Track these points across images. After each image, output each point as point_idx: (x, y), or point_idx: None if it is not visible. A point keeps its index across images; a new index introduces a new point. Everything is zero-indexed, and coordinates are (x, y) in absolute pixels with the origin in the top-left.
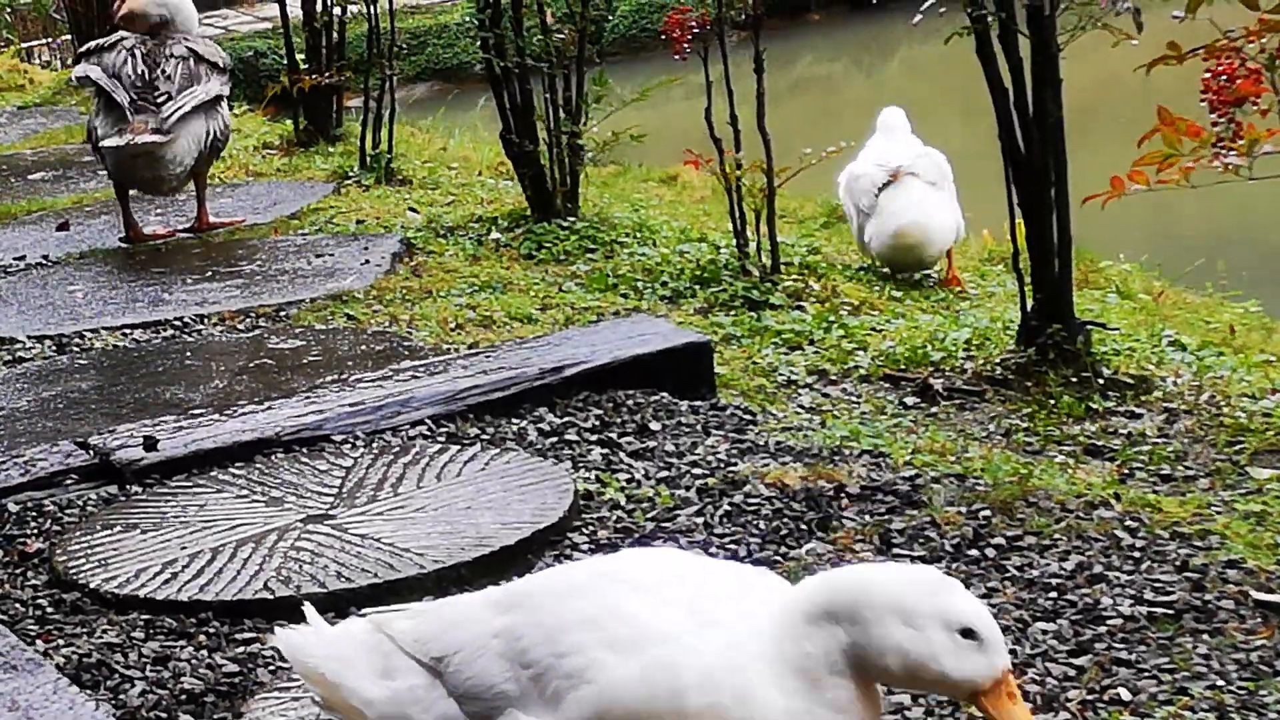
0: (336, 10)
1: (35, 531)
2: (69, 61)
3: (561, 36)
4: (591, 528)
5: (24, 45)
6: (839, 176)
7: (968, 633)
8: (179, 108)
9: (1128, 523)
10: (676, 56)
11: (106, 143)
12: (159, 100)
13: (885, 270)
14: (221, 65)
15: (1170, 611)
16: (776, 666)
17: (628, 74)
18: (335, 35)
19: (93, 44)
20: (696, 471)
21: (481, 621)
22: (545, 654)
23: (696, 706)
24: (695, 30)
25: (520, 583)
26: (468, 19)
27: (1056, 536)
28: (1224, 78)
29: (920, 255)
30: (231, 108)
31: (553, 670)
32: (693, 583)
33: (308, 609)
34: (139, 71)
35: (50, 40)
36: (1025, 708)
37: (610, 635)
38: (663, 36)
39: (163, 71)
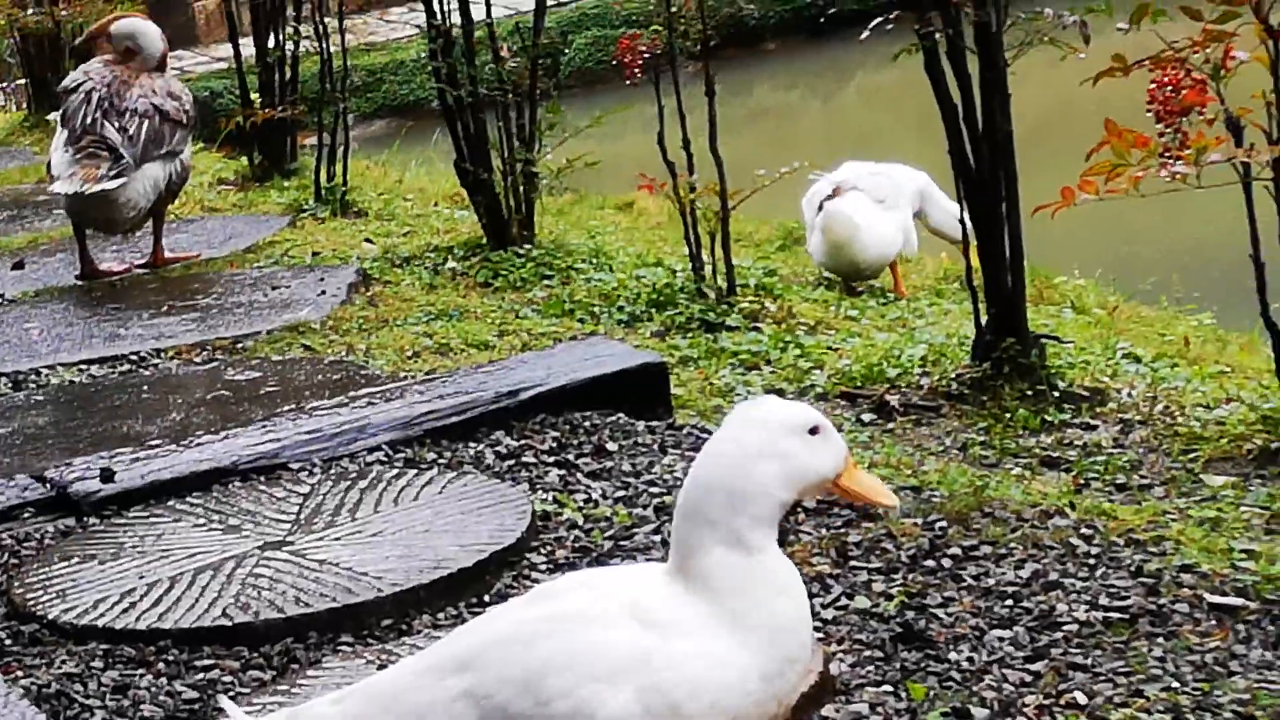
0: (289, 45)
1: None
2: (23, 104)
3: (514, 66)
4: (549, 548)
5: None
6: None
7: (814, 430)
8: (131, 166)
9: (1083, 531)
10: (628, 81)
11: (56, 188)
12: (118, 155)
13: (836, 280)
14: (185, 121)
15: (1125, 616)
16: (724, 618)
17: (584, 105)
18: (289, 70)
19: (63, 85)
20: (654, 490)
21: (432, 688)
22: (530, 705)
23: (693, 712)
24: (646, 55)
25: (459, 640)
26: (422, 55)
27: (1012, 545)
28: (1170, 88)
29: (852, 258)
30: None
31: (544, 718)
32: (619, 595)
33: (225, 703)
34: (94, 118)
35: (4, 84)
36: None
37: (591, 669)
38: (615, 63)
39: (124, 128)
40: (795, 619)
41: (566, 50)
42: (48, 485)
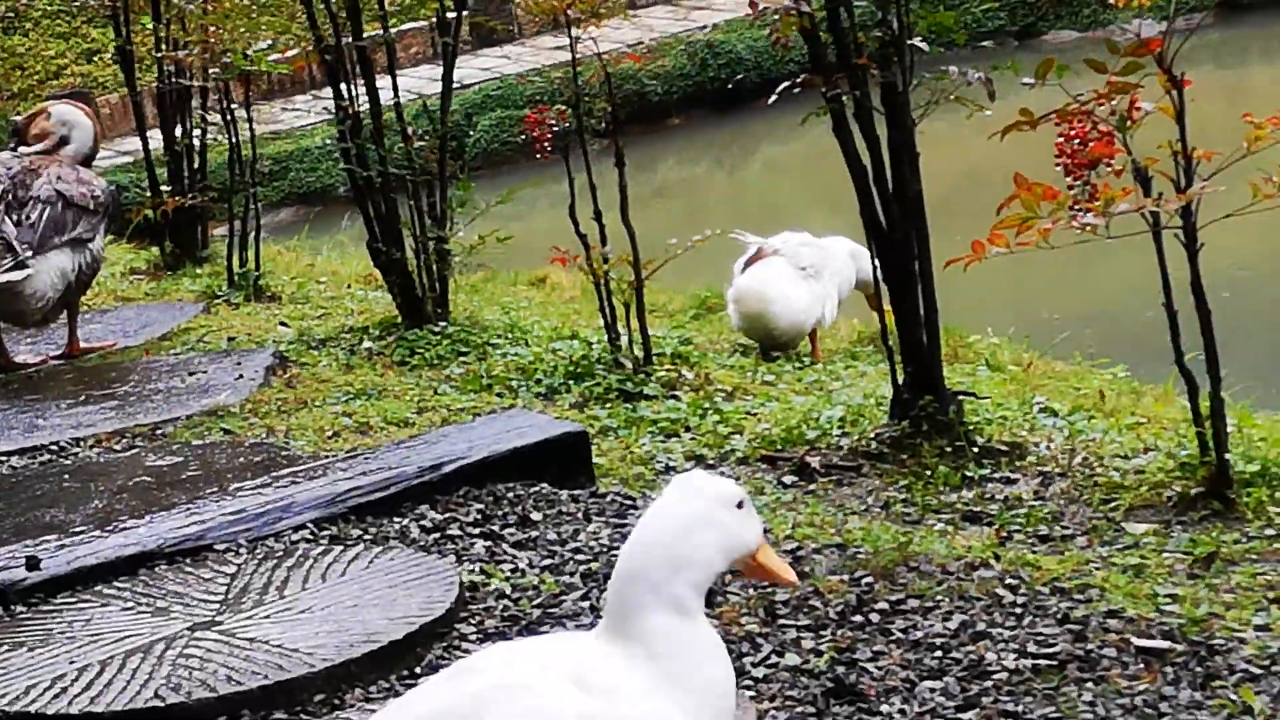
0: (197, 134)
1: None
2: None
3: (423, 146)
4: (479, 618)
5: None
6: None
7: (740, 504)
8: (32, 256)
9: (1008, 581)
10: (538, 155)
11: None
12: (19, 243)
13: (753, 346)
14: (92, 208)
15: (1054, 662)
16: (663, 681)
17: (491, 186)
18: (197, 159)
19: None
20: (580, 558)
21: None
22: None
23: None
24: (554, 129)
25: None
26: (328, 141)
27: (939, 598)
28: (1077, 141)
29: (766, 326)
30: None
31: None
32: (558, 662)
33: None
34: (2, 210)
35: None
36: None
37: None
38: (523, 137)
39: (25, 216)
40: (726, 681)
41: (472, 132)
42: None
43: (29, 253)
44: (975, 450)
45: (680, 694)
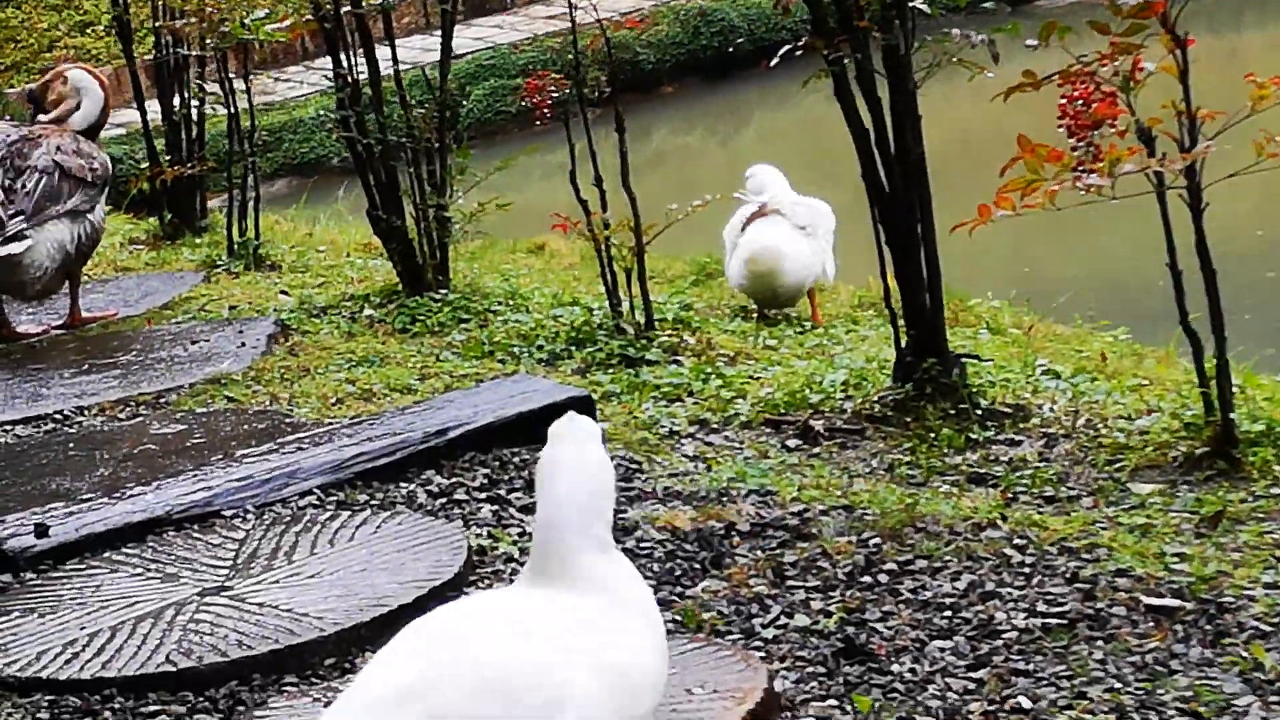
0: (194, 104)
1: None
2: None
3: (422, 111)
4: (488, 581)
5: None
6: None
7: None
8: (27, 226)
9: (1016, 541)
10: (537, 121)
11: None
12: (10, 215)
13: (753, 307)
14: (89, 179)
15: (1064, 621)
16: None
17: (485, 156)
18: (195, 129)
19: None
20: None
21: None
22: (500, 709)
23: (637, 683)
24: (555, 96)
25: (388, 674)
26: (322, 113)
27: (947, 558)
28: (1080, 102)
29: (773, 285)
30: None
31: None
32: (524, 603)
33: None
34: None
35: None
36: None
37: (550, 661)
38: (516, 107)
39: (21, 185)
40: (653, 602)
41: (465, 102)
42: None
43: (23, 223)
44: (979, 413)
45: (633, 616)
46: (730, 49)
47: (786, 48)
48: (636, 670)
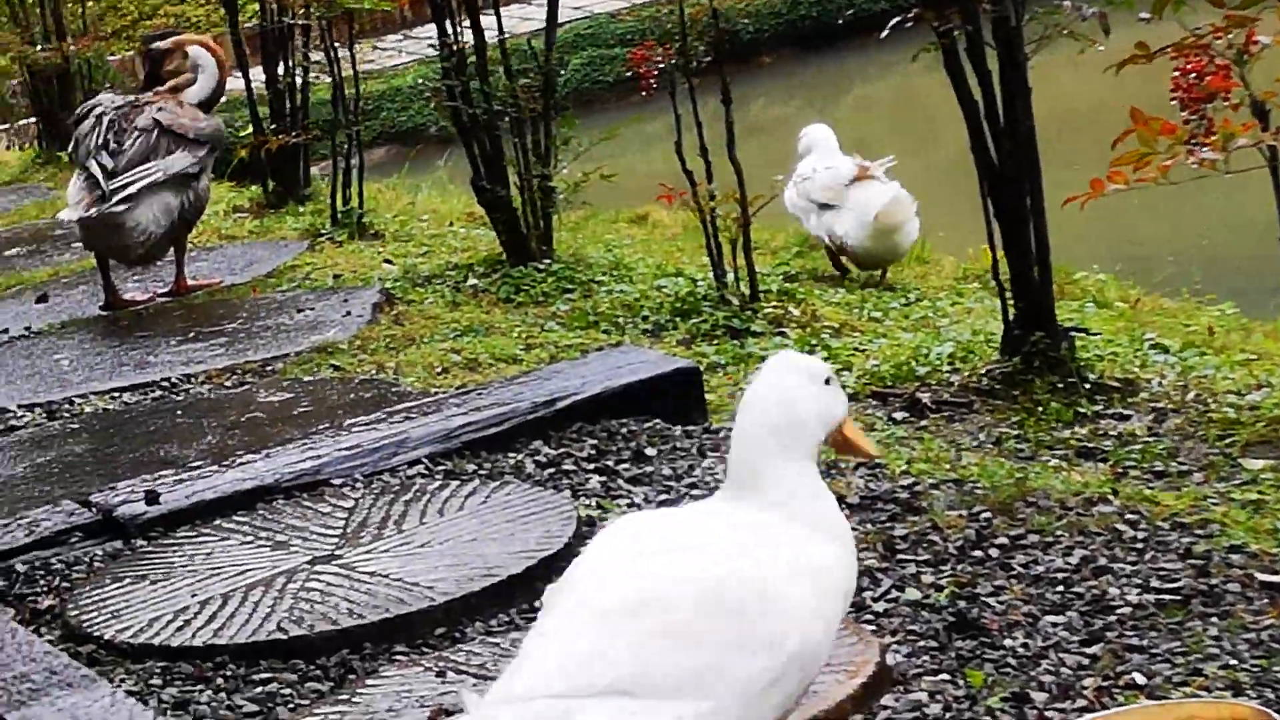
0: (299, 73)
1: (45, 589)
2: (32, 142)
3: (527, 81)
4: None
5: None
6: (785, 192)
7: (827, 380)
8: (123, 186)
9: (1127, 516)
10: (643, 92)
11: (64, 214)
12: (112, 174)
13: (851, 268)
14: (192, 136)
15: (1178, 597)
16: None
17: (582, 126)
18: (299, 97)
19: (75, 115)
20: (696, 493)
21: (625, 634)
22: (743, 619)
23: (835, 595)
24: (660, 66)
25: (617, 588)
26: (420, 81)
27: (1059, 533)
28: (1193, 75)
29: (897, 242)
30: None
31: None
32: (730, 515)
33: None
34: (101, 141)
35: (7, 125)
36: None
37: (774, 572)
38: (625, 73)
39: (120, 145)
40: (846, 526)
41: (563, 71)
42: (93, 510)
43: (119, 181)
44: (1087, 387)
45: (825, 536)
46: (840, 20)
47: (896, 19)
48: (836, 584)
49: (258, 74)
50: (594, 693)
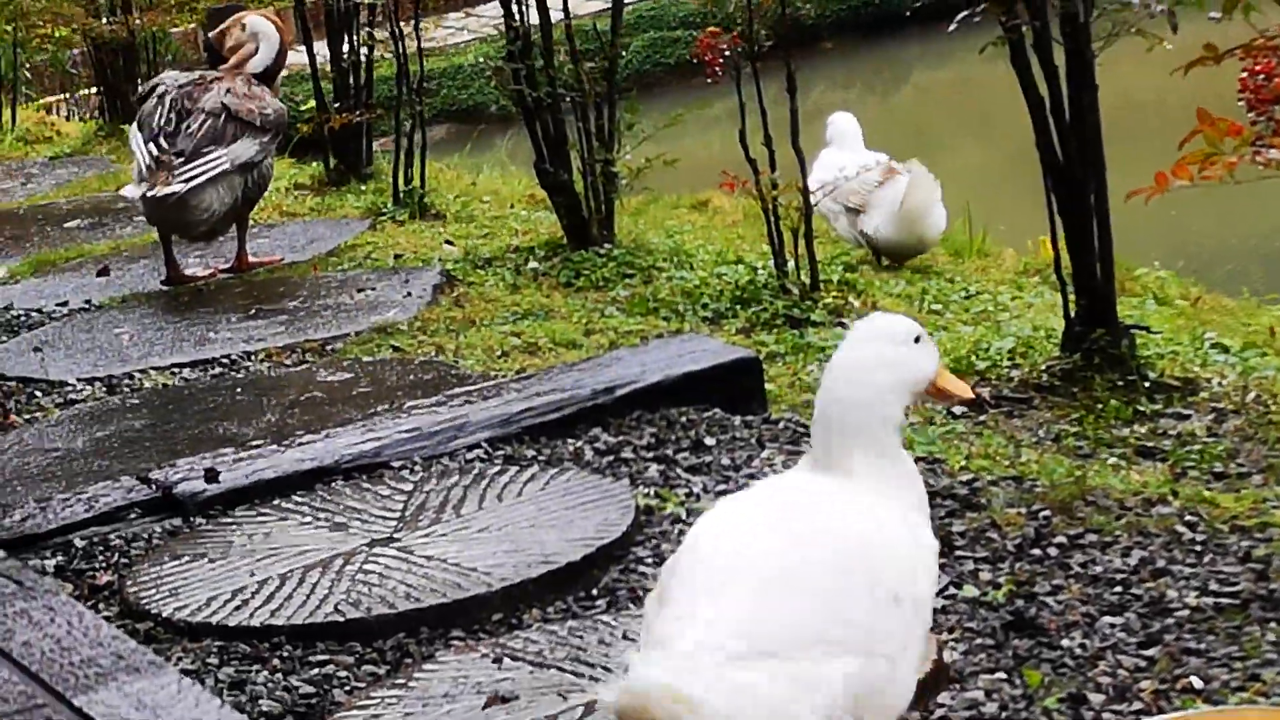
0: (363, 50)
1: (103, 565)
2: (95, 114)
3: (591, 65)
4: (654, 542)
5: (43, 101)
6: (810, 180)
7: (917, 338)
8: (189, 174)
9: (1187, 518)
10: (709, 79)
11: (127, 192)
12: (176, 156)
13: (885, 260)
14: (258, 124)
15: (1236, 601)
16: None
17: (644, 109)
18: (363, 75)
19: (139, 92)
20: (755, 483)
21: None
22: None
23: (933, 572)
24: (726, 53)
25: (765, 556)
26: (481, 59)
27: (1117, 533)
28: (1262, 76)
29: (924, 230)
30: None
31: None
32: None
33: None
34: (165, 121)
35: (68, 95)
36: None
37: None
38: (689, 58)
39: (187, 126)
40: (925, 501)
41: (624, 53)
42: (153, 486)
43: (184, 163)
44: (1147, 385)
45: (905, 508)
46: (907, 12)
47: (964, 13)
48: (933, 561)
49: (321, 48)
50: (760, 654)
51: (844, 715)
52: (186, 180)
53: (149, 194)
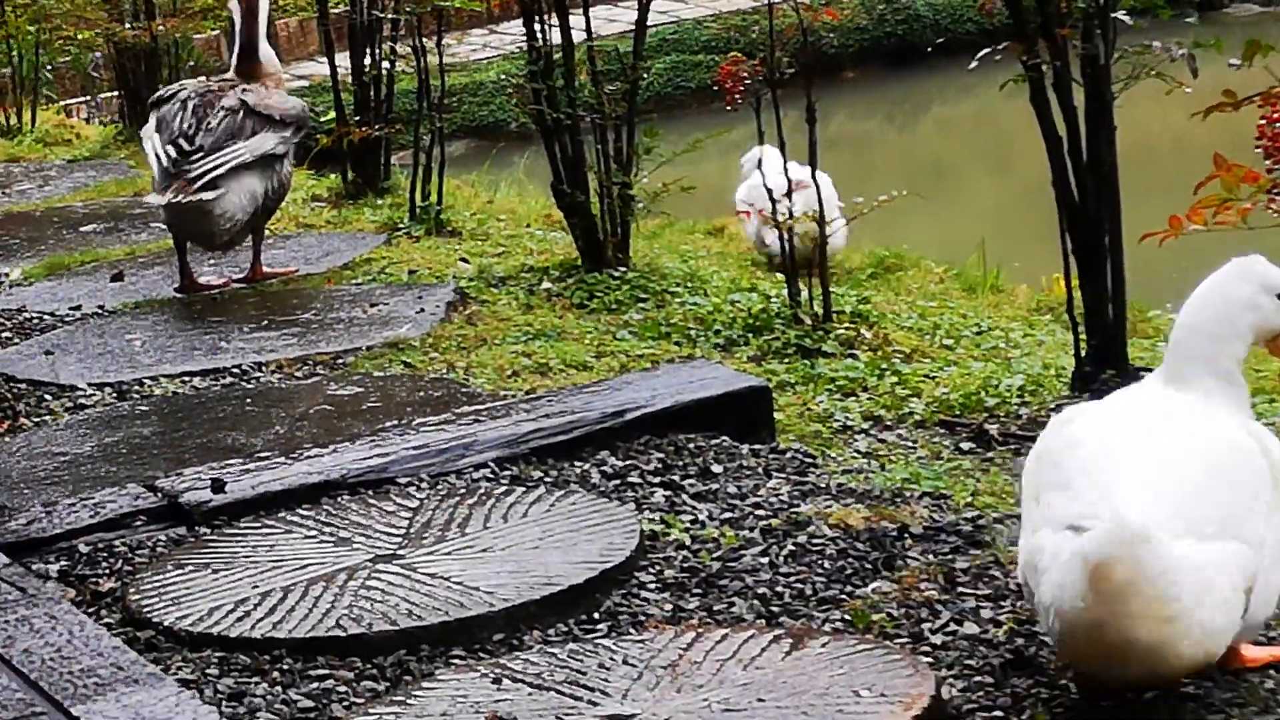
0: (385, 64)
1: (107, 571)
2: (115, 118)
3: (612, 88)
4: (658, 567)
5: (63, 104)
6: (736, 195)
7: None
8: (209, 169)
9: None
10: (729, 107)
11: (149, 198)
12: (196, 152)
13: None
14: (278, 118)
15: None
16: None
17: (664, 131)
18: (384, 89)
19: (155, 96)
20: (760, 513)
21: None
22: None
23: None
24: (747, 81)
25: (1167, 470)
26: (503, 76)
27: None
28: (1279, 123)
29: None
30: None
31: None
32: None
33: None
34: (186, 125)
35: (89, 98)
36: None
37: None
38: (710, 83)
39: (207, 124)
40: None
41: (645, 75)
42: (159, 494)
43: (209, 162)
44: None
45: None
46: (929, 49)
47: (986, 51)
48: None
49: (343, 60)
50: (1191, 534)
51: (1243, 595)
52: (207, 174)
53: (174, 200)
